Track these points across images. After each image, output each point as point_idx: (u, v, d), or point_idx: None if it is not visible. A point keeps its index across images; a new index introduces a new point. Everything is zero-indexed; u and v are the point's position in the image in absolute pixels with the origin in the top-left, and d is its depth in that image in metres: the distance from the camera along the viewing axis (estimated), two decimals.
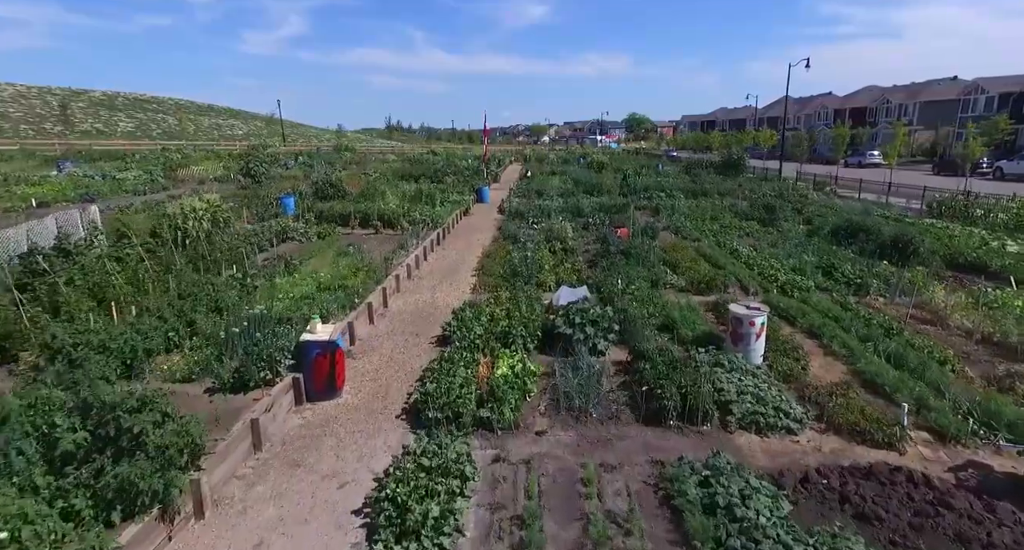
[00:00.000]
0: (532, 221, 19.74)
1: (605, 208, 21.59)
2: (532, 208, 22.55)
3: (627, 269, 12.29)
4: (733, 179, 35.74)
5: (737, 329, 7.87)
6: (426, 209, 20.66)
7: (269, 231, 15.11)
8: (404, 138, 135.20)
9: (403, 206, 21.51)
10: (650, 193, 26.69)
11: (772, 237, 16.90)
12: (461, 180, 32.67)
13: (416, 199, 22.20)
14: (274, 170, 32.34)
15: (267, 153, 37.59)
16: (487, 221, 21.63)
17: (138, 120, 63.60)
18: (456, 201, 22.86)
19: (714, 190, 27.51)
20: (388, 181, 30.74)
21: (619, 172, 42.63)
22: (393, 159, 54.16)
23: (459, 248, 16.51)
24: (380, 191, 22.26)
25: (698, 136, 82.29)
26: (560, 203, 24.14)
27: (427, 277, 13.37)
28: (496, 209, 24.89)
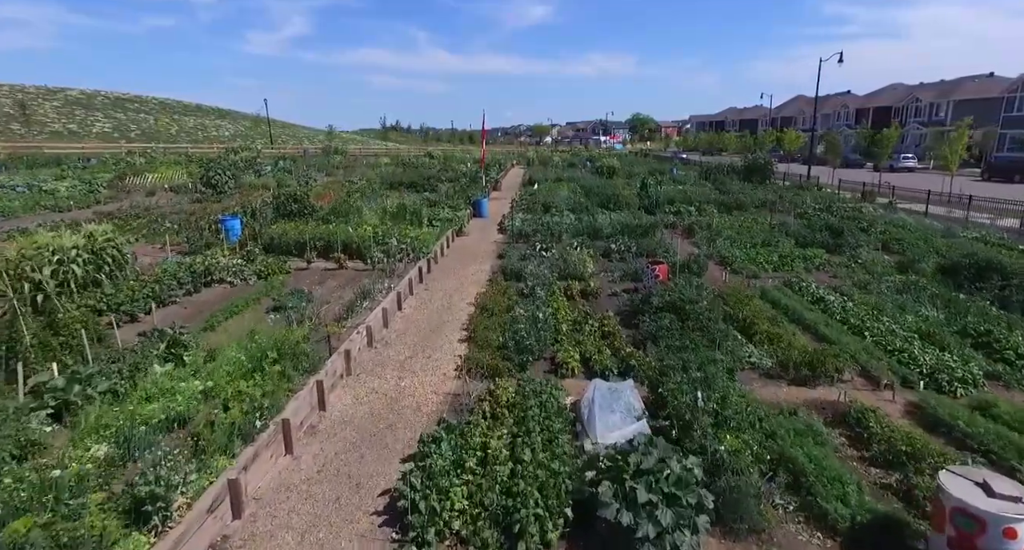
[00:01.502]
0: (540, 247, 15.87)
1: (628, 228, 17.68)
2: (539, 227, 18.70)
3: (682, 337, 8.42)
4: (761, 186, 31.93)
5: (968, 534, 3.98)
6: (411, 230, 16.81)
7: (189, 271, 11.20)
8: (402, 139, 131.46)
9: (383, 225, 17.66)
10: (676, 206, 22.79)
11: (855, 275, 12.99)
12: (457, 189, 28.81)
13: (399, 216, 18.32)
14: (246, 177, 28.49)
15: (242, 157, 33.79)
16: (485, 244, 17.76)
17: (117, 120, 59.82)
18: (448, 218, 18.99)
19: (748, 201, 23.60)
20: (374, 191, 26.93)
21: (632, 178, 38.88)
22: (386, 162, 50.30)
23: (447, 289, 12.63)
24: (355, 207, 18.38)
25: (712, 137, 78.39)
26: (572, 220, 20.26)
27: (396, 342, 9.49)
28: (496, 226, 21.02)
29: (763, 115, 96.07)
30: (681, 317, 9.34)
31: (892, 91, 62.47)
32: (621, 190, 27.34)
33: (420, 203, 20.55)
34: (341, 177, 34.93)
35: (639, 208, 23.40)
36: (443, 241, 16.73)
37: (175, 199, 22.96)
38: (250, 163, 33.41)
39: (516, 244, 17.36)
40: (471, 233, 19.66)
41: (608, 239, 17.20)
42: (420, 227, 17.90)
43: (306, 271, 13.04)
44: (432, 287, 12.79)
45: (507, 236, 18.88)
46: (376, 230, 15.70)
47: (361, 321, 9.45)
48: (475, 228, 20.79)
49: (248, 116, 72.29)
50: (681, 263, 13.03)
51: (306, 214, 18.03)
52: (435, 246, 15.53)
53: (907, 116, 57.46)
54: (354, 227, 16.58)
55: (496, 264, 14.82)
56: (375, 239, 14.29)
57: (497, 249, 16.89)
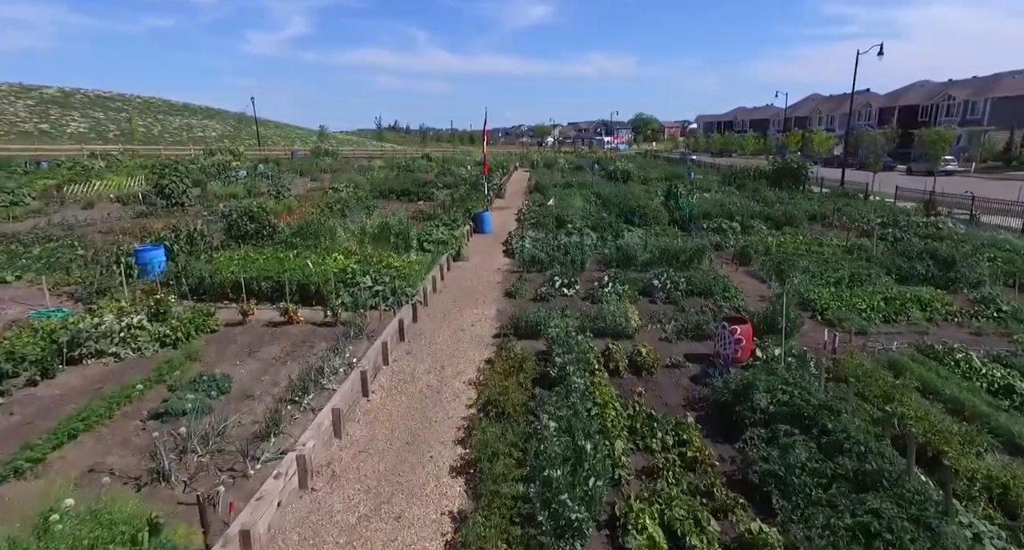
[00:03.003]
0: (560, 282, 12.24)
1: (667, 254, 14.02)
2: (554, 250, 15.10)
3: (834, 486, 4.81)
4: (796, 193, 28.31)
5: None
6: (395, 258, 13.21)
7: (48, 338, 7.50)
8: (401, 140, 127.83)
9: (362, 250, 14.05)
10: (714, 221, 19.15)
11: (1005, 327, 9.35)
12: (456, 198, 25.19)
13: (382, 238, 14.69)
14: (212, 185, 24.85)
15: (214, 161, 30.16)
16: (488, 274, 14.12)
17: (95, 120, 56.18)
18: (442, 240, 15.34)
19: (800, 215, 19.93)
20: (360, 201, 23.31)
21: (648, 183, 35.23)
22: (380, 165, 46.73)
23: (437, 354, 9.01)
24: (328, 227, 14.75)
25: (728, 138, 74.71)
26: (593, 240, 16.64)
27: (347, 476, 5.85)
28: (501, 246, 17.40)
29: (775, 115, 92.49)
30: (811, 432, 5.71)
31: (919, 89, 58.82)
32: (643, 199, 23.72)
33: (410, 221, 16.88)
34: (328, 183, 31.34)
35: (669, 223, 19.80)
36: (437, 270, 13.12)
37: (117, 213, 19.33)
38: (222, 167, 29.77)
39: (528, 274, 13.75)
40: (471, 257, 16.02)
41: (644, 268, 13.59)
42: (408, 252, 14.28)
43: (240, 328, 9.38)
44: (416, 350, 9.14)
45: (515, 261, 15.26)
46: (348, 263, 12.07)
47: (288, 447, 5.82)
48: (477, 248, 17.16)
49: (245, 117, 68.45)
50: (761, 315, 9.38)
51: (264, 236, 14.39)
52: (425, 281, 11.91)
53: (937, 115, 53.80)
54: (322, 255, 12.96)
55: (504, 308, 11.22)
56: (343, 278, 10.63)
57: (504, 282, 13.28)
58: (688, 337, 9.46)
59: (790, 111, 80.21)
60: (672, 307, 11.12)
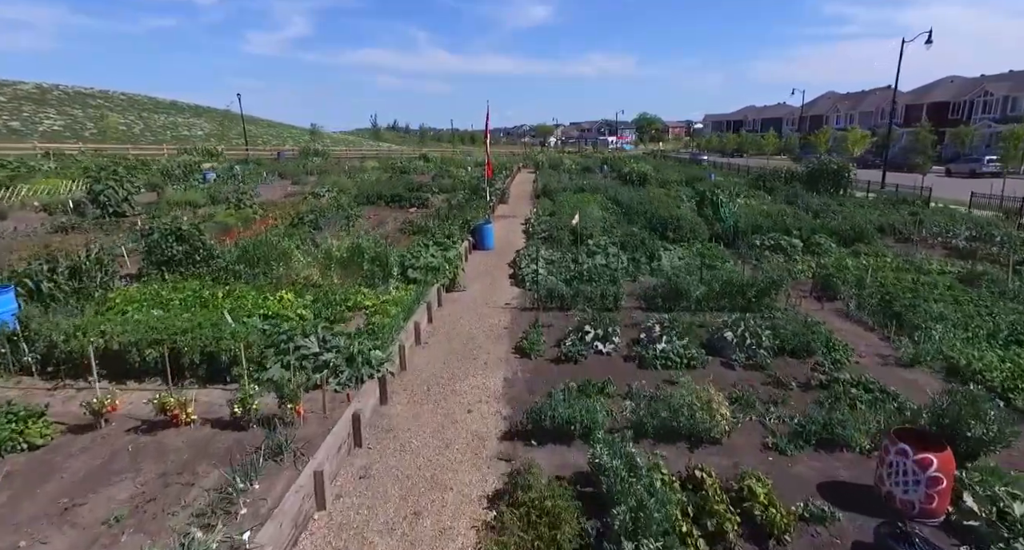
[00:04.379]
0: (593, 332, 8.74)
1: (730, 288, 10.48)
2: (575, 277, 11.68)
3: None
4: (838, 198, 24.84)
5: None
6: (366, 296, 9.78)
7: None
8: (399, 139, 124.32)
9: (325, 283, 10.62)
10: (766, 236, 15.64)
11: None
12: (454, 204, 21.76)
13: (352, 264, 11.22)
14: (169, 191, 21.37)
15: (180, 162, 26.71)
16: (492, 313, 10.61)
17: (71, 117, 52.72)
18: (433, 266, 11.84)
19: (867, 228, 16.36)
20: (341, 209, 19.84)
21: (668, 187, 31.69)
22: (373, 166, 43.29)
23: (391, 513, 5.54)
24: (282, 251, 11.27)
25: (745, 137, 71.18)
26: (624, 263, 13.19)
27: None
28: (507, 269, 13.93)
29: (788, 113, 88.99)
30: None
31: (948, 85, 55.24)
32: (671, 207, 20.23)
33: (389, 242, 13.42)
34: (311, 186, 27.89)
35: (710, 238, 16.32)
36: (424, 310, 9.66)
37: (33, 225, 15.82)
38: (189, 169, 26.31)
39: (544, 313, 10.31)
40: (471, 284, 12.55)
41: (698, 306, 10.13)
42: (387, 283, 10.82)
43: (89, 437, 5.85)
44: (379, 472, 5.64)
45: (526, 293, 11.80)
46: (298, 304, 8.61)
47: None
48: (477, 270, 13.69)
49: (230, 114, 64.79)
50: (928, 418, 5.87)
51: (198, 262, 10.92)
52: (403, 333, 8.45)
53: (971, 112, 50.25)
54: (266, 291, 9.50)
55: (515, 374, 7.79)
56: (275, 340, 7.11)
57: (513, 326, 9.81)
58: (811, 443, 5.98)
59: (805, 110, 76.64)
60: (760, 376, 7.65)
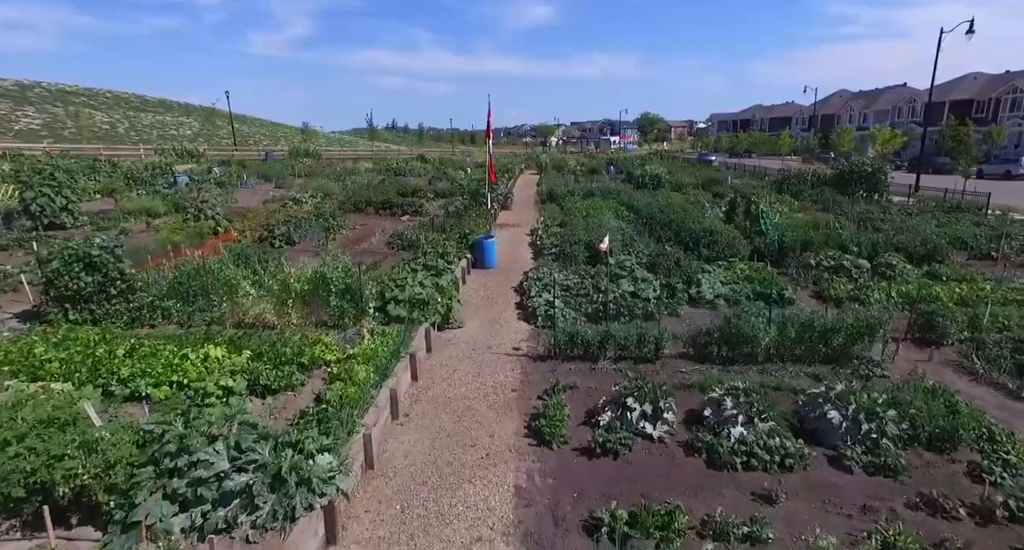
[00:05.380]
0: (638, 411, 6.24)
1: (810, 334, 7.97)
2: (600, 312, 9.23)
3: None
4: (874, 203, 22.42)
5: None
6: (328, 349, 7.31)
7: None
8: (399, 139, 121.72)
9: (281, 322, 8.19)
10: (820, 253, 13.14)
11: None
12: (452, 211, 19.31)
13: (318, 298, 8.73)
14: (135, 195, 18.89)
15: (147, 164, 24.20)
16: (492, 372, 8.07)
17: (52, 116, 50.20)
18: (421, 298, 9.32)
19: (940, 243, 13.83)
20: (321, 218, 17.38)
21: (683, 190, 29.17)
22: (367, 167, 40.80)
23: None
24: (227, 282, 8.78)
25: (758, 137, 68.74)
26: (656, 289, 10.72)
27: None
28: (512, 295, 11.44)
29: (797, 112, 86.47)
30: None
31: (971, 82, 52.70)
32: (697, 216, 17.76)
33: (376, 257, 10.97)
34: (296, 190, 25.39)
35: (751, 255, 13.83)
36: (405, 367, 7.21)
37: None
38: (161, 172, 23.81)
39: (564, 365, 7.86)
40: (469, 318, 10.07)
41: (769, 358, 7.68)
42: (359, 325, 8.34)
43: None
44: None
45: (538, 330, 9.32)
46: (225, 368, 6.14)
47: None
48: (477, 298, 11.20)
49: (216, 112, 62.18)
50: None
51: (115, 296, 8.42)
52: (371, 411, 6.00)
53: (997, 110, 47.75)
54: (192, 343, 7.02)
55: (530, 480, 5.35)
56: (155, 457, 4.59)
57: (523, 385, 7.37)
58: None
59: (816, 108, 74.09)
60: (895, 489, 5.17)
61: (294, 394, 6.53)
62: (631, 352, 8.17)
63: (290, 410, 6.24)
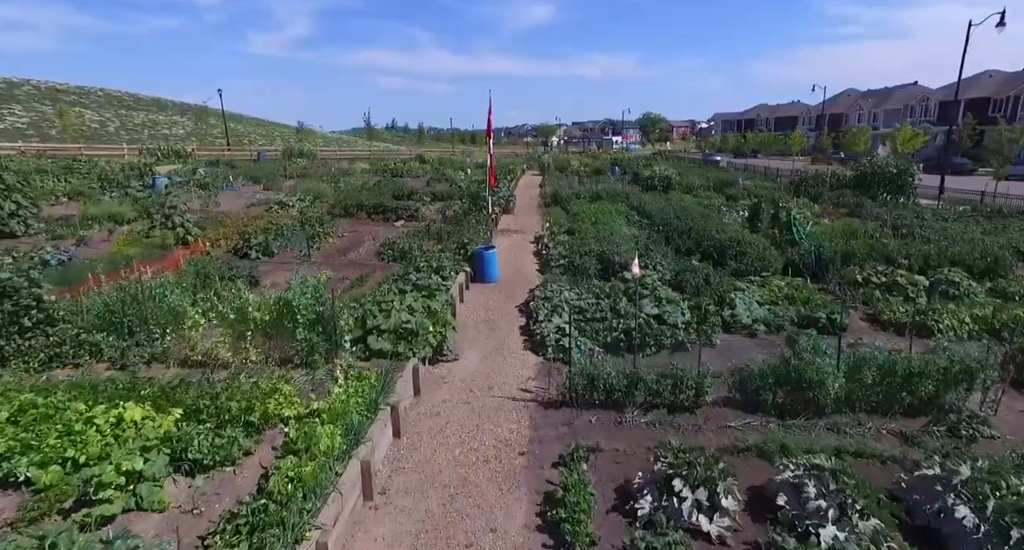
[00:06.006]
0: (691, 502, 4.68)
1: (890, 376, 6.42)
2: (622, 339, 7.70)
3: None
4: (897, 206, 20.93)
5: None
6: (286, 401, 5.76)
7: None
8: (399, 139, 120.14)
9: (237, 359, 6.64)
10: (862, 267, 11.57)
11: None
12: (450, 216, 17.79)
13: (281, 329, 7.17)
14: (107, 198, 17.35)
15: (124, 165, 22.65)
16: (493, 427, 6.49)
17: (40, 114, 48.72)
18: (408, 327, 7.76)
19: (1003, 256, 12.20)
20: (307, 225, 15.88)
21: (694, 192, 27.59)
22: (363, 168, 39.24)
23: None
24: (171, 310, 7.22)
25: (768, 137, 67.22)
26: (685, 313, 9.17)
27: None
28: (516, 317, 9.88)
29: (803, 111, 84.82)
30: None
31: (987, 80, 51.06)
32: (719, 223, 16.22)
33: (363, 270, 9.43)
34: (286, 192, 23.84)
35: (784, 269, 12.26)
36: (388, 417, 5.68)
37: None
38: (140, 173, 22.26)
39: (585, 412, 6.33)
40: (467, 348, 8.52)
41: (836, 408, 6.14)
42: (332, 364, 6.80)
43: None
44: None
45: (548, 364, 7.77)
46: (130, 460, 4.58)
47: None
48: (476, 321, 9.64)
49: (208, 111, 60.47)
50: None
51: (31, 329, 6.87)
52: (333, 496, 4.45)
53: (1015, 108, 46.14)
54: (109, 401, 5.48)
55: None
56: None
57: (533, 445, 5.83)
58: None
59: (823, 107, 72.51)
60: None
61: (235, 470, 4.98)
62: (664, 398, 6.63)
63: (225, 496, 4.70)
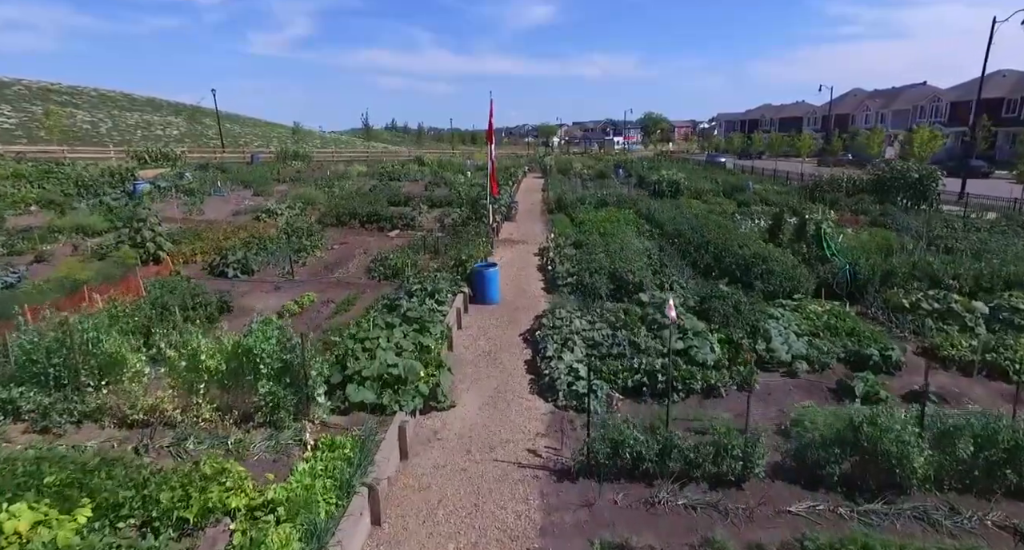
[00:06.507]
0: None
1: (985, 445, 5.24)
2: (645, 382, 6.49)
3: None
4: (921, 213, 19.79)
5: None
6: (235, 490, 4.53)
7: None
8: (399, 139, 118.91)
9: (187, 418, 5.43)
10: (926, 295, 10.36)
11: None
12: (445, 228, 16.60)
13: (239, 380, 5.95)
14: (83, 206, 16.15)
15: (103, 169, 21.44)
16: (498, 502, 5.28)
17: (29, 115, 47.55)
18: (395, 373, 6.57)
19: None
20: (292, 237, 14.72)
21: (703, 197, 26.42)
22: (360, 171, 38.06)
23: None
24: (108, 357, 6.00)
25: (777, 138, 66.01)
26: (716, 347, 7.96)
27: None
28: (520, 348, 8.67)
29: (808, 112, 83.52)
30: None
31: (1000, 80, 49.74)
32: (737, 235, 15.04)
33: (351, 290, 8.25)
34: (275, 199, 22.65)
35: (817, 290, 11.04)
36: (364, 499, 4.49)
37: None
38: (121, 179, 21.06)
39: (606, 488, 5.10)
40: (463, 391, 7.32)
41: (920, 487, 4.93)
42: (302, 424, 5.61)
43: None
44: None
45: (561, 415, 6.58)
46: None
47: None
48: (475, 355, 8.43)
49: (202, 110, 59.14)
50: None
51: None
52: None
53: None
54: None
55: None
56: None
57: (546, 532, 4.60)
58: None
59: (824, 110, 71.22)
60: None
61: None
62: (705, 469, 5.44)
63: None
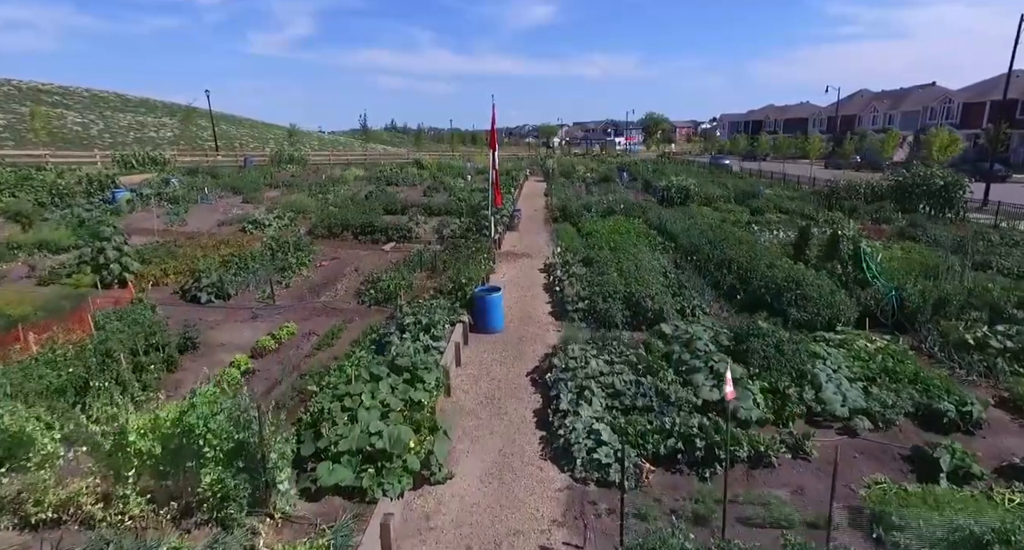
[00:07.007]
0: None
1: None
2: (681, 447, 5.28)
3: None
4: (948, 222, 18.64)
5: None
6: None
7: None
8: (399, 140, 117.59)
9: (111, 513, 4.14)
10: (966, 321, 9.16)
11: None
12: (443, 240, 15.37)
13: (180, 459, 4.70)
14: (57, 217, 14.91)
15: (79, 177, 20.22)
16: None
17: (17, 116, 46.23)
18: (377, 445, 5.35)
19: None
20: (278, 253, 13.51)
21: (714, 204, 25.19)
22: (357, 175, 36.81)
23: None
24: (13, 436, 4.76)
25: (784, 140, 64.73)
26: (760, 402, 6.73)
27: None
28: (528, 393, 7.44)
29: (814, 113, 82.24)
30: None
31: (1015, 81, 48.39)
32: (761, 252, 13.84)
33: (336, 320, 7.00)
34: (265, 207, 21.43)
35: (859, 319, 9.82)
36: None
37: None
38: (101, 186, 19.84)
39: None
40: (462, 456, 6.11)
41: None
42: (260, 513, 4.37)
43: None
44: None
45: (576, 484, 5.35)
46: None
47: None
48: (476, 401, 7.20)
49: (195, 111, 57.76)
50: None
51: None
52: None
53: None
54: None
55: None
56: None
57: None
58: None
59: (828, 111, 69.95)
60: None
61: None
62: None
63: None
